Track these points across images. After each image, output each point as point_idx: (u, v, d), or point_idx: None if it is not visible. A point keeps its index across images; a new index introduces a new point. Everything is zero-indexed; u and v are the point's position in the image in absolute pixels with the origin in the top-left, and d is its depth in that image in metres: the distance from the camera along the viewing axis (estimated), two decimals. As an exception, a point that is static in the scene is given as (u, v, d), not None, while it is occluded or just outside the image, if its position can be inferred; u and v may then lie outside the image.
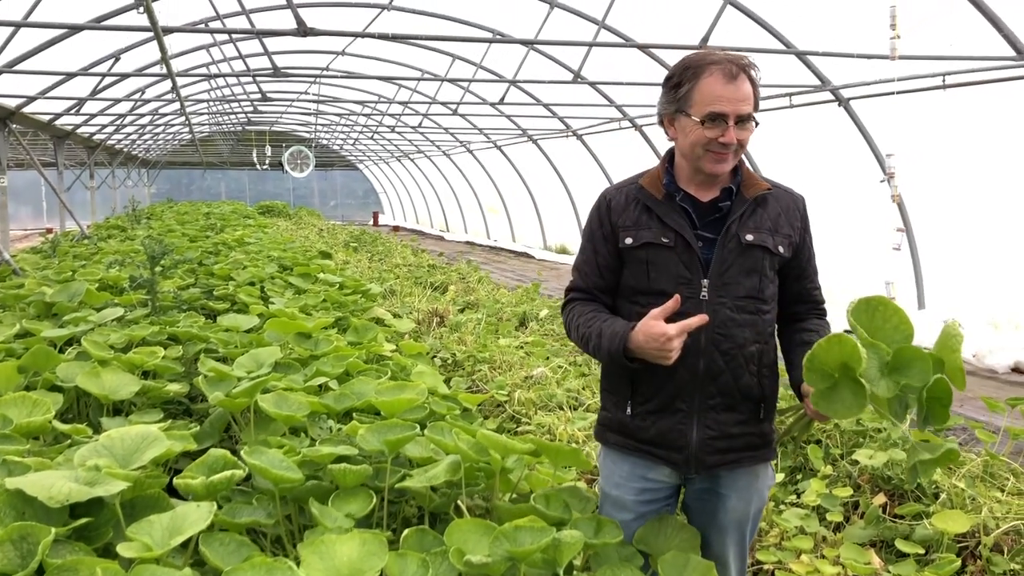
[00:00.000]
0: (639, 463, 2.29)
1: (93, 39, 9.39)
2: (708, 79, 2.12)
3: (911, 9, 6.94)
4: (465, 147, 21.41)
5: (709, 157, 2.15)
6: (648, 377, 2.20)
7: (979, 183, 8.64)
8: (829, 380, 1.95)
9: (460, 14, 10.69)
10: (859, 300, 1.96)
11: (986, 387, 7.18)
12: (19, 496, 1.83)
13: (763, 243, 2.18)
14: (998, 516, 3.53)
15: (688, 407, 2.19)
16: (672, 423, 2.21)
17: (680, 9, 8.91)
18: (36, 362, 3.23)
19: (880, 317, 1.94)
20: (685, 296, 2.13)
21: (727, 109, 2.11)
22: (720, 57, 2.14)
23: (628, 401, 2.26)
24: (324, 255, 9.64)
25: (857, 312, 1.97)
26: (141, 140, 22.93)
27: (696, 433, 2.19)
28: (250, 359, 3.30)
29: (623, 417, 2.29)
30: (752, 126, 2.16)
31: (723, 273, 2.16)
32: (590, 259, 2.32)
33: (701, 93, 2.13)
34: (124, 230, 12.99)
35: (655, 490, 2.30)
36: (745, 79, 2.14)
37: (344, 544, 1.87)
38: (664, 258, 2.19)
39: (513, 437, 2.82)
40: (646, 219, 2.22)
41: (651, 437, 2.24)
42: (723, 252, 2.17)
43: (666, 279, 2.18)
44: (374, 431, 2.45)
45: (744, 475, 2.28)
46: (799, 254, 2.28)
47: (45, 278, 6.01)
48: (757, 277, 2.18)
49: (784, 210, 2.26)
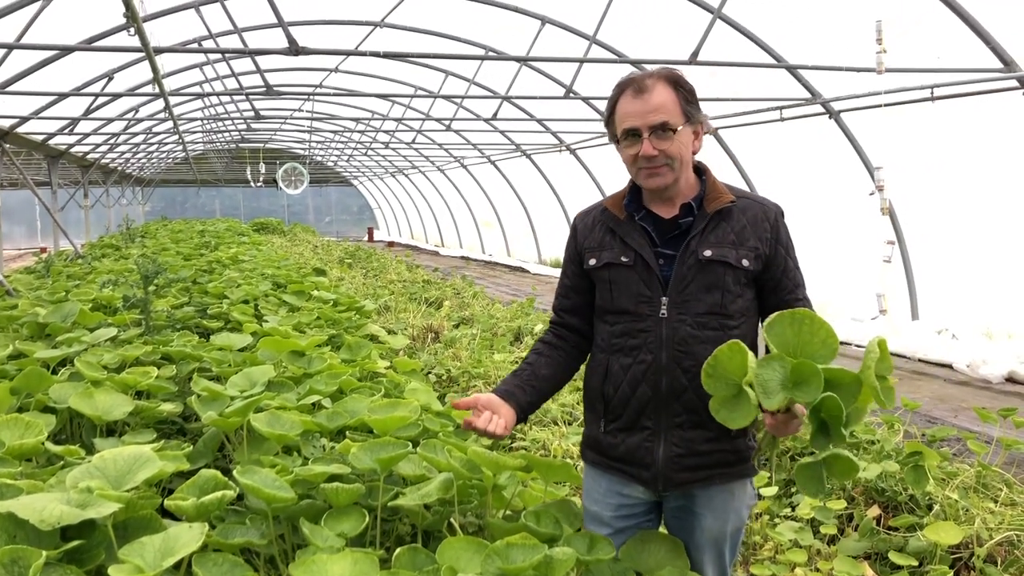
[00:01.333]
0: (614, 480, 2.30)
1: (86, 59, 9.41)
2: (621, 101, 2.19)
3: (897, 19, 7.01)
4: (459, 162, 21.47)
5: (642, 173, 2.19)
6: (614, 394, 2.23)
7: (970, 194, 8.69)
8: (731, 388, 1.93)
9: (452, 31, 10.74)
10: (781, 313, 1.93)
11: (980, 398, 7.20)
12: (10, 519, 1.83)
13: (723, 258, 2.16)
14: (991, 527, 3.54)
15: (654, 425, 2.19)
16: (639, 440, 2.22)
17: (670, 25, 8.97)
18: (29, 383, 3.23)
19: (807, 331, 1.91)
20: (646, 313, 2.17)
21: (637, 123, 2.14)
22: (632, 76, 2.19)
23: (601, 418, 2.29)
24: (318, 272, 9.65)
25: (780, 324, 1.93)
26: (135, 158, 22.96)
27: (662, 451, 2.18)
28: (243, 378, 3.30)
29: (597, 434, 2.31)
30: (678, 135, 2.15)
31: (682, 290, 2.16)
32: (561, 281, 2.42)
33: (618, 115, 2.20)
34: (118, 249, 12.97)
35: (631, 506, 2.30)
36: (658, 89, 2.15)
37: (336, 564, 1.86)
38: (624, 277, 2.22)
39: (506, 453, 2.82)
40: (609, 240, 2.26)
41: (621, 454, 2.25)
42: (682, 269, 2.17)
43: (627, 298, 2.21)
44: (367, 449, 2.45)
45: (719, 493, 2.25)
46: (771, 266, 2.23)
47: (38, 298, 6.00)
48: (719, 293, 2.16)
49: (751, 222, 2.21)
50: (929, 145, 8.89)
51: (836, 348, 1.91)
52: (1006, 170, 8.21)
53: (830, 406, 1.85)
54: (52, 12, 6.73)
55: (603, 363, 2.27)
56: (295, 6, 9.21)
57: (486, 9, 9.68)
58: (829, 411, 1.86)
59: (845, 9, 7.99)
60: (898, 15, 7.21)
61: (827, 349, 1.91)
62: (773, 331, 1.92)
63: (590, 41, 8.61)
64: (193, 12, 8.28)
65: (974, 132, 8.47)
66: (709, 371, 1.95)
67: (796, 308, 1.97)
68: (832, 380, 1.88)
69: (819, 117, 9.61)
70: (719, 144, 11.39)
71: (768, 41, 8.69)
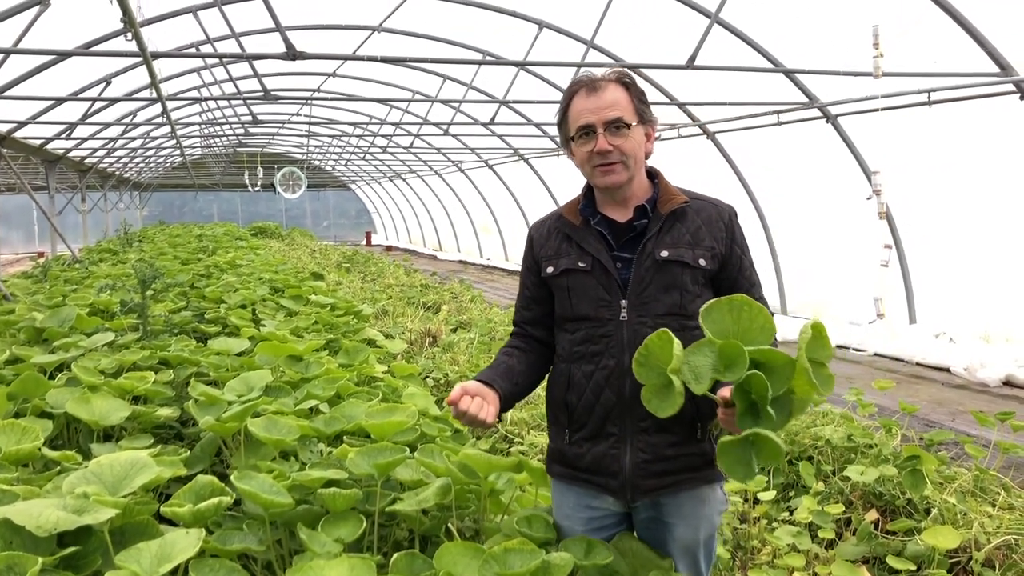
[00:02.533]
0: (582, 492, 2.27)
1: (83, 64, 9.42)
2: (575, 100, 2.20)
3: (894, 23, 7.03)
4: (457, 166, 21.48)
5: (597, 172, 2.19)
6: (578, 402, 2.21)
7: (968, 198, 8.70)
8: (661, 377, 1.91)
9: (450, 35, 10.75)
10: (718, 300, 1.92)
11: (978, 401, 7.20)
12: (7, 525, 1.83)
13: (680, 258, 2.17)
14: (989, 531, 3.54)
15: (619, 431, 2.17)
16: (605, 448, 2.19)
17: (667, 29, 8.99)
18: (26, 388, 3.22)
19: (746, 317, 1.90)
20: (606, 318, 2.17)
21: (592, 119, 2.15)
22: (584, 77, 2.21)
23: (566, 429, 2.27)
24: (316, 276, 9.64)
25: (718, 311, 1.91)
26: (133, 163, 22.95)
27: (629, 457, 2.16)
28: (241, 383, 3.29)
29: (563, 446, 2.29)
30: (632, 132, 2.16)
31: (641, 292, 2.16)
32: (521, 293, 2.41)
33: (571, 114, 2.20)
34: (116, 253, 12.96)
35: (602, 518, 2.28)
36: (611, 88, 2.17)
37: (333, 570, 1.86)
38: (583, 283, 2.21)
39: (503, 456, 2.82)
40: (566, 247, 2.26)
41: (588, 464, 2.22)
42: (639, 271, 2.17)
43: (586, 303, 2.20)
44: (364, 454, 2.45)
45: (688, 500, 2.23)
46: (727, 265, 2.24)
47: (36, 303, 5.99)
48: (677, 293, 2.16)
49: (705, 222, 2.23)
50: (926, 149, 8.91)
51: (773, 332, 1.90)
52: (1003, 174, 8.22)
53: (755, 384, 1.83)
54: (50, 17, 6.73)
55: (565, 372, 2.26)
56: (293, 11, 9.22)
57: (484, 13, 9.69)
58: (756, 390, 1.84)
59: (842, 14, 8.01)
60: (895, 19, 7.23)
61: (765, 334, 1.89)
62: (710, 317, 1.91)
63: (588, 45, 8.62)
64: (191, 17, 8.28)
65: (971, 136, 8.49)
66: (641, 360, 1.93)
67: (733, 296, 1.92)
68: (765, 362, 1.86)
69: (816, 121, 9.63)
70: (716, 148, 11.40)
71: (765, 45, 8.70)
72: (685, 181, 2.44)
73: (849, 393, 5.29)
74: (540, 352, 2.37)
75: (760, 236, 11.35)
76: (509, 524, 2.36)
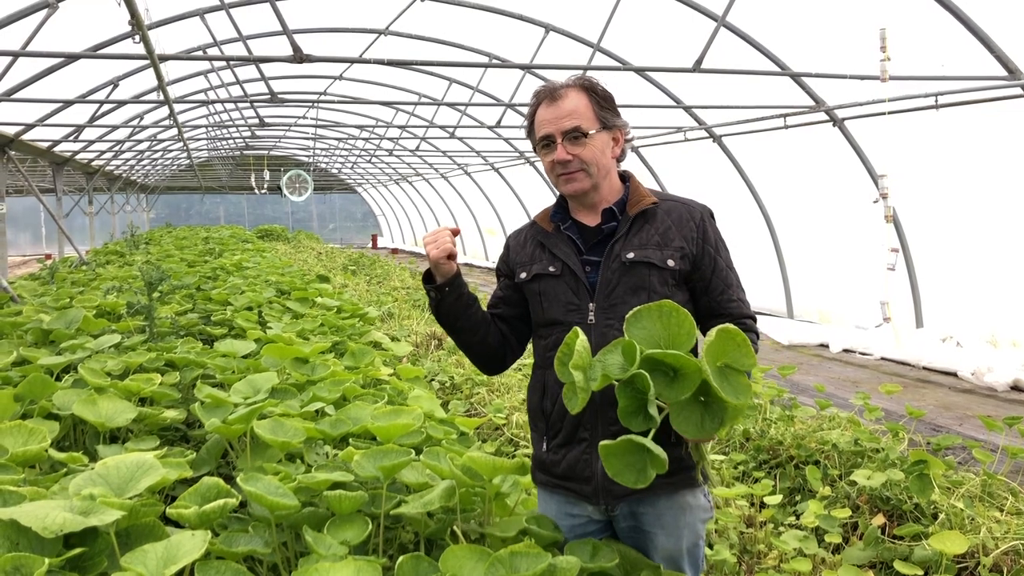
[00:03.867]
0: (562, 500, 2.29)
1: (91, 67, 9.45)
2: (539, 110, 2.22)
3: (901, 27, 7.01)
4: (463, 170, 21.49)
5: (560, 179, 2.22)
6: (552, 407, 2.23)
7: (975, 202, 8.68)
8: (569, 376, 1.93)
9: (457, 39, 10.76)
10: (648, 306, 1.93)
11: (985, 406, 7.17)
12: (13, 526, 1.83)
13: (646, 259, 2.16)
14: (997, 536, 3.52)
15: (591, 435, 2.16)
16: (578, 454, 2.20)
17: (674, 33, 8.98)
18: (33, 390, 3.23)
19: (675, 323, 1.92)
20: (575, 321, 2.16)
21: (550, 129, 2.17)
22: (547, 86, 2.23)
23: (544, 436, 2.29)
24: (322, 279, 9.65)
25: (648, 317, 1.93)
26: (140, 165, 23.02)
27: (600, 462, 2.08)
28: (247, 385, 3.29)
29: (541, 454, 2.30)
30: (591, 139, 2.16)
31: (609, 294, 2.17)
32: (494, 293, 2.46)
33: (535, 124, 2.23)
34: (122, 255, 13.00)
35: (584, 525, 2.28)
36: (571, 96, 2.18)
37: (338, 572, 1.86)
38: (553, 287, 2.23)
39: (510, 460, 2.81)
40: (539, 253, 2.29)
41: (563, 471, 2.23)
42: (607, 273, 2.18)
43: (556, 307, 2.23)
44: (369, 457, 2.44)
45: (668, 509, 2.20)
46: (699, 266, 2.21)
47: (43, 305, 6.01)
48: (645, 294, 2.15)
49: (675, 222, 2.21)
50: (933, 153, 8.89)
51: (695, 337, 1.93)
52: (1010, 178, 8.20)
53: (640, 383, 1.84)
54: (58, 20, 6.75)
55: (540, 379, 2.28)
56: (299, 14, 9.25)
57: (490, 17, 9.70)
58: (642, 387, 1.84)
59: (849, 17, 8.00)
60: (902, 23, 7.22)
61: (691, 339, 1.92)
62: (640, 323, 1.93)
63: (594, 49, 8.62)
64: (198, 20, 8.30)
65: (978, 140, 8.46)
66: (562, 358, 1.94)
67: (663, 302, 1.93)
68: (676, 366, 1.87)
69: (823, 125, 9.61)
70: (723, 152, 11.39)
71: (772, 49, 8.69)
72: (691, 185, 2.45)
73: (856, 397, 5.27)
74: (497, 327, 2.40)
75: (767, 240, 11.33)
76: (517, 523, 2.35)
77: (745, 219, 11.39)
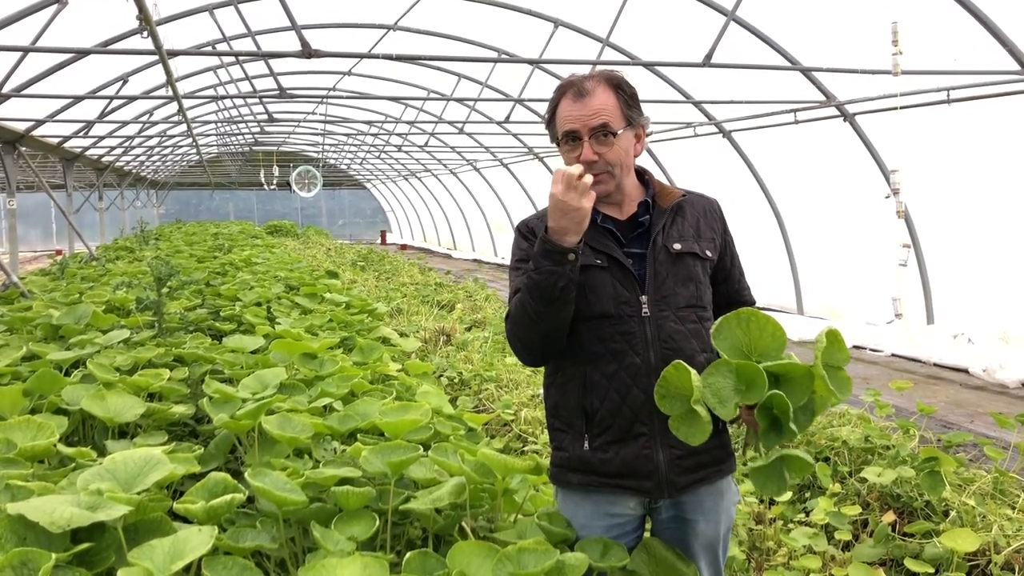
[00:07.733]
0: (602, 499, 2.19)
1: (100, 62, 9.47)
2: (562, 103, 2.16)
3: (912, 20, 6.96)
4: (472, 165, 21.48)
5: None
6: (600, 404, 2.13)
7: (987, 197, 8.62)
8: (684, 405, 1.91)
9: (465, 34, 10.75)
10: (726, 317, 1.93)
11: (997, 403, 7.13)
12: (21, 521, 1.83)
13: (691, 250, 2.18)
14: (1008, 534, 3.50)
15: (649, 429, 2.11)
16: (636, 449, 2.12)
17: (683, 27, 8.95)
18: (41, 385, 3.23)
19: (756, 329, 1.91)
20: (627, 315, 2.13)
21: (576, 126, 2.11)
22: (572, 79, 2.17)
23: (584, 435, 2.17)
24: (331, 274, 9.66)
25: (728, 328, 1.92)
26: (149, 161, 23.08)
27: (663, 455, 2.11)
28: (255, 380, 3.29)
29: (582, 453, 2.17)
30: (619, 139, 2.12)
31: (660, 286, 2.15)
32: (513, 284, 2.23)
33: (558, 119, 2.17)
34: (132, 251, 13.03)
35: (622, 524, 2.21)
36: (599, 92, 2.12)
37: (345, 568, 1.85)
38: (600, 280, 2.15)
39: (518, 456, 2.81)
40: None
41: (616, 469, 2.13)
42: (655, 265, 2.16)
43: (605, 301, 2.14)
44: (377, 453, 2.44)
45: (709, 496, 2.21)
46: (723, 256, 2.28)
47: (53, 300, 6.03)
48: (694, 285, 2.17)
49: (702, 214, 2.26)
50: (945, 148, 8.82)
51: (784, 340, 1.92)
52: (1023, 173, 8.13)
53: (778, 403, 1.85)
54: (67, 16, 6.77)
55: (579, 376, 2.17)
56: (308, 9, 9.24)
57: (499, 12, 9.68)
58: (779, 408, 1.87)
59: (860, 11, 7.94)
60: (914, 17, 7.16)
61: (777, 343, 1.91)
62: (722, 335, 1.93)
63: (603, 43, 8.59)
64: (207, 15, 8.30)
65: (991, 134, 8.40)
66: (662, 392, 1.95)
67: (741, 308, 1.96)
68: (783, 374, 1.89)
69: (834, 120, 9.56)
70: (733, 147, 11.35)
71: (782, 43, 8.65)
72: (701, 180, 2.45)
73: (866, 394, 5.24)
74: None
75: (777, 236, 11.28)
76: (528, 520, 2.35)
77: (755, 214, 11.34)
